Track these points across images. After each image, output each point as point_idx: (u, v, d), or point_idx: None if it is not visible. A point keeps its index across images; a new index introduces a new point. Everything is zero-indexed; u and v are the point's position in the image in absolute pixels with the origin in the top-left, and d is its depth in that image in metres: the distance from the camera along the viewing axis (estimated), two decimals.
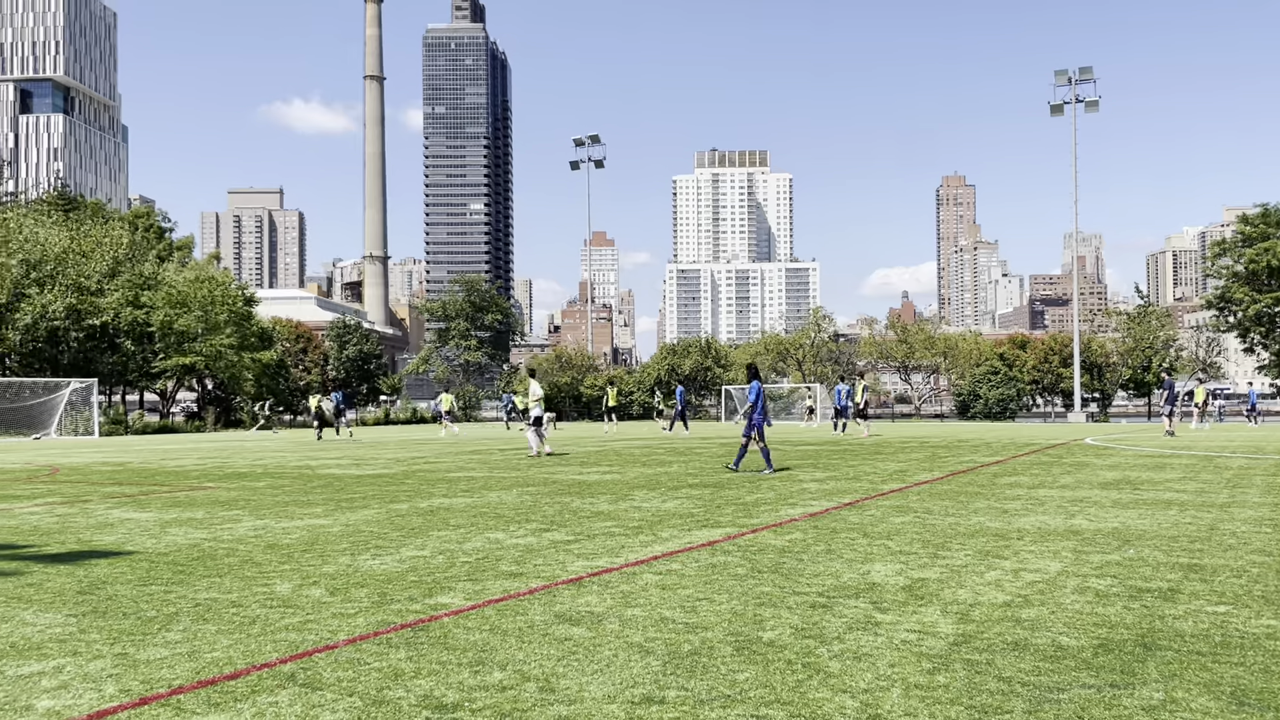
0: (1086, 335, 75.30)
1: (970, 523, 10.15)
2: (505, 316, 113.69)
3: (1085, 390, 70.07)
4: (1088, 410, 68.16)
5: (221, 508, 12.57)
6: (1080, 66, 65.81)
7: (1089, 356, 71.29)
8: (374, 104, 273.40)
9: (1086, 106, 66.19)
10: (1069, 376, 69.48)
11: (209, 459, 24.98)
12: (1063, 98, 66.62)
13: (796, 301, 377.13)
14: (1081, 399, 67.67)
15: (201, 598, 6.69)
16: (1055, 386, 72.42)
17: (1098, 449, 24.73)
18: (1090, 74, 65.96)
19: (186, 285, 58.41)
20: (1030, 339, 79.68)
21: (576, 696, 4.38)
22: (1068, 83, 66.35)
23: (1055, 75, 66.58)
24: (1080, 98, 65.98)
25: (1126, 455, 21.85)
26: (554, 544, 8.96)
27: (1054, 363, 72.25)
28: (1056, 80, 66.80)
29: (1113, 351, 73.83)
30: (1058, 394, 73.44)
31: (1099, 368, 72.19)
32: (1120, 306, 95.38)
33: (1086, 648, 5.12)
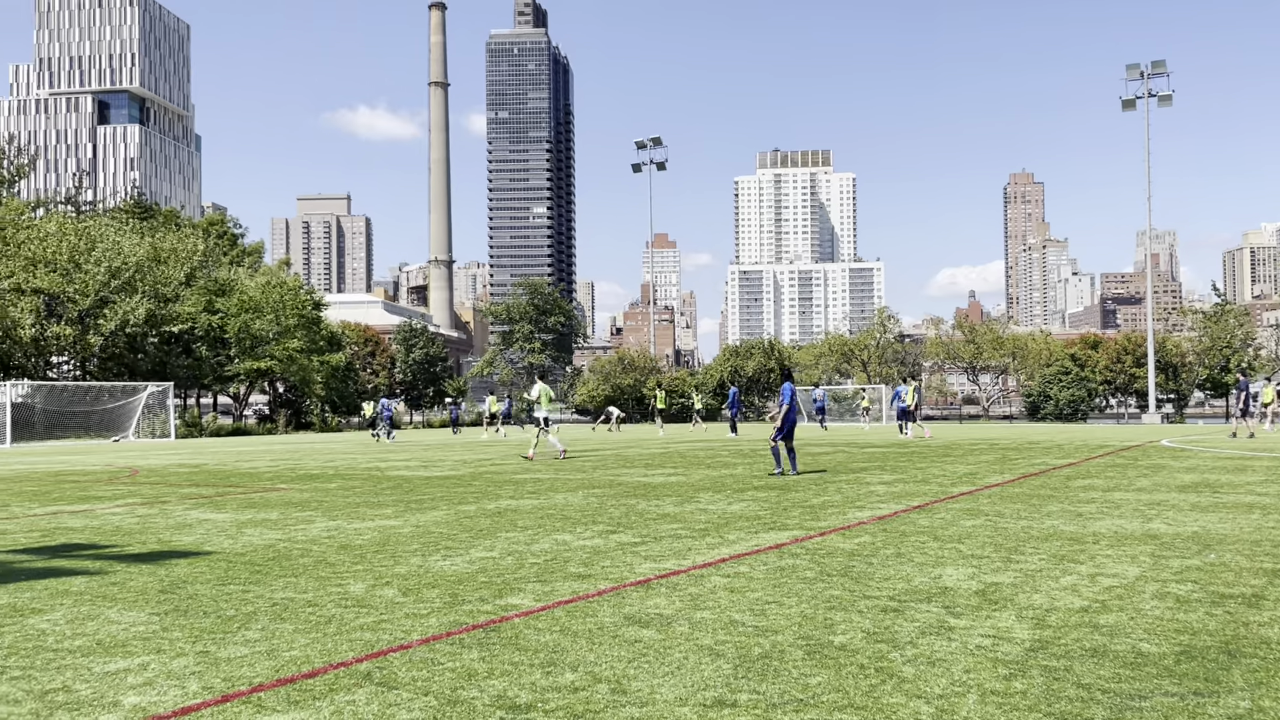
0: (1161, 334, 73.58)
1: (1044, 526, 9.97)
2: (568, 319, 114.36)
3: (1160, 391, 68.49)
4: (1163, 411, 66.63)
5: (295, 509, 12.80)
6: (1153, 60, 64.39)
7: (1163, 356, 69.62)
8: (438, 110, 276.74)
9: (1159, 101, 64.75)
10: (1143, 377, 67.94)
11: (281, 461, 25.46)
12: (1134, 92, 65.27)
13: (860, 302, 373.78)
14: (1156, 400, 66.17)
15: (278, 597, 6.82)
16: (1128, 387, 70.91)
17: (1174, 451, 24.15)
18: (1163, 68, 64.49)
19: (258, 290, 59.69)
20: (1102, 339, 78.07)
21: (648, 699, 4.38)
22: (1140, 77, 64.95)
23: (1126, 70, 65.24)
24: (1153, 92, 64.56)
25: (1205, 457, 21.30)
26: (621, 546, 8.99)
27: (1127, 363, 70.72)
28: (1128, 75, 65.44)
29: (1188, 351, 72.05)
30: (1131, 395, 71.92)
31: (1174, 368, 70.47)
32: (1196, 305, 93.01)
33: (1168, 654, 5.00)
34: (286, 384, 66.08)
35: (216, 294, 59.94)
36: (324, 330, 65.92)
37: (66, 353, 56.14)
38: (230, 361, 59.41)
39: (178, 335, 58.47)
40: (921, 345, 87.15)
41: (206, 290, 59.64)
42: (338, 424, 67.91)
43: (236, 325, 57.97)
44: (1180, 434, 37.51)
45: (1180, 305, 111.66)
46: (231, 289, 60.41)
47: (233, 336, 58.48)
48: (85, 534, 10.60)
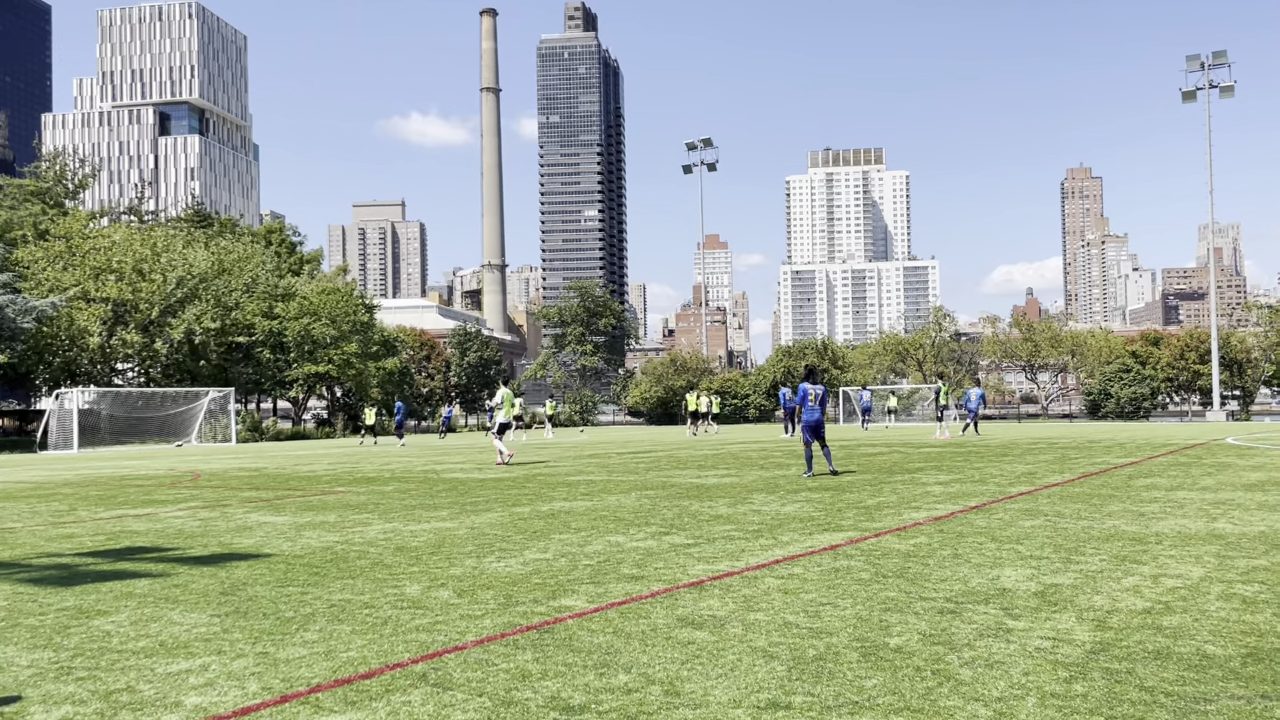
0: (1225, 330, 71.93)
1: (1105, 526, 9.79)
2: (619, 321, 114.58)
3: (1224, 388, 66.95)
4: (1227, 409, 65.13)
5: (352, 511, 12.96)
6: (1214, 51, 63.08)
7: (1228, 352, 68.02)
8: (490, 115, 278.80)
9: (1221, 92, 63.39)
10: (1206, 373, 66.48)
11: (339, 464, 25.79)
12: (1195, 83, 63.97)
13: (915, 301, 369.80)
14: (1221, 397, 64.69)
15: (336, 599, 6.90)
16: (1192, 384, 69.44)
17: (1240, 449, 23.58)
18: (1224, 58, 63.12)
19: (316, 296, 60.59)
20: (1164, 335, 76.48)
21: (702, 700, 4.37)
22: (1200, 68, 63.63)
23: (1186, 61, 63.98)
24: (1214, 83, 63.23)
25: (1272, 455, 20.78)
26: (674, 547, 8.98)
27: (1190, 359, 69.24)
28: (1188, 66, 64.15)
29: (1254, 347, 70.32)
30: (1194, 392, 70.40)
31: (1239, 364, 68.84)
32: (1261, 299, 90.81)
33: (1234, 657, 4.88)
34: (344, 388, 66.96)
35: (276, 299, 60.96)
36: (377, 335, 66.67)
37: (132, 360, 57.38)
38: (289, 366, 60.34)
39: (239, 342, 59.56)
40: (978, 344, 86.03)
41: (267, 296, 60.68)
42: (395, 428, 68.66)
43: (296, 330, 58.88)
44: (1246, 432, 36.62)
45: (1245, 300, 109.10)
46: (291, 295, 61.42)
47: (292, 341, 59.40)
48: (149, 537, 10.82)
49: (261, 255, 65.18)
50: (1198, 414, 68.74)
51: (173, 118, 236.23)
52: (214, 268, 59.02)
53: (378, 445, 39.56)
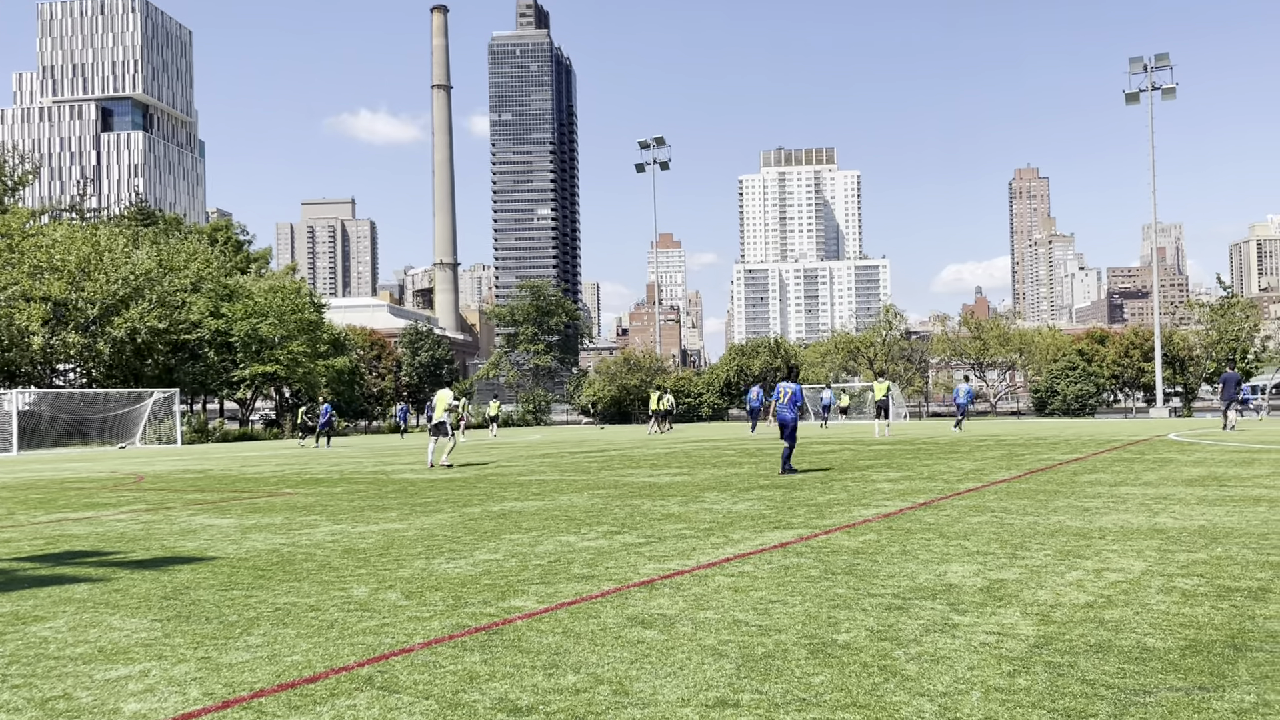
0: (1168, 328, 73.35)
1: (1050, 522, 9.93)
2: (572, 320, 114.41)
3: (1167, 385, 68.26)
4: (1170, 405, 66.40)
5: (299, 513, 12.80)
6: (1156, 53, 64.17)
7: (1171, 350, 69.41)
8: (441, 113, 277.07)
9: (1163, 94, 64.55)
10: (1150, 371, 67.76)
11: (287, 465, 25.47)
12: (1138, 86, 65.04)
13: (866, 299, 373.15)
14: (1164, 394, 65.92)
15: (281, 602, 6.81)
16: (1136, 381, 70.70)
17: (1182, 445, 24.06)
18: (1167, 60, 64.29)
19: (263, 295, 59.82)
20: (1109, 333, 77.84)
21: (650, 700, 4.36)
22: (1143, 70, 64.74)
23: (1130, 63, 65.01)
24: (1156, 85, 64.35)
25: (1212, 451, 21.23)
26: (625, 546, 8.97)
27: (1134, 357, 70.52)
28: (1131, 68, 65.22)
29: (1196, 344, 71.78)
30: (1139, 389, 71.68)
31: (1181, 361, 70.26)
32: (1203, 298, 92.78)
33: (1173, 649, 4.97)
34: (292, 388, 66.16)
35: (223, 298, 60.08)
36: (325, 334, 65.91)
37: (74, 360, 56.28)
38: (236, 366, 59.50)
39: (185, 341, 58.62)
40: (928, 342, 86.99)
41: (213, 295, 59.78)
42: (345, 428, 67.99)
43: (243, 329, 58.08)
44: (1188, 428, 37.39)
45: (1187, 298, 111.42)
46: (238, 293, 60.56)
47: (239, 341, 58.59)
48: (89, 541, 10.60)
49: (207, 253, 64.16)
50: (1142, 411, 70.04)
51: (115, 113, 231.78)
52: (159, 266, 58.04)
53: (318, 447, 39.10)
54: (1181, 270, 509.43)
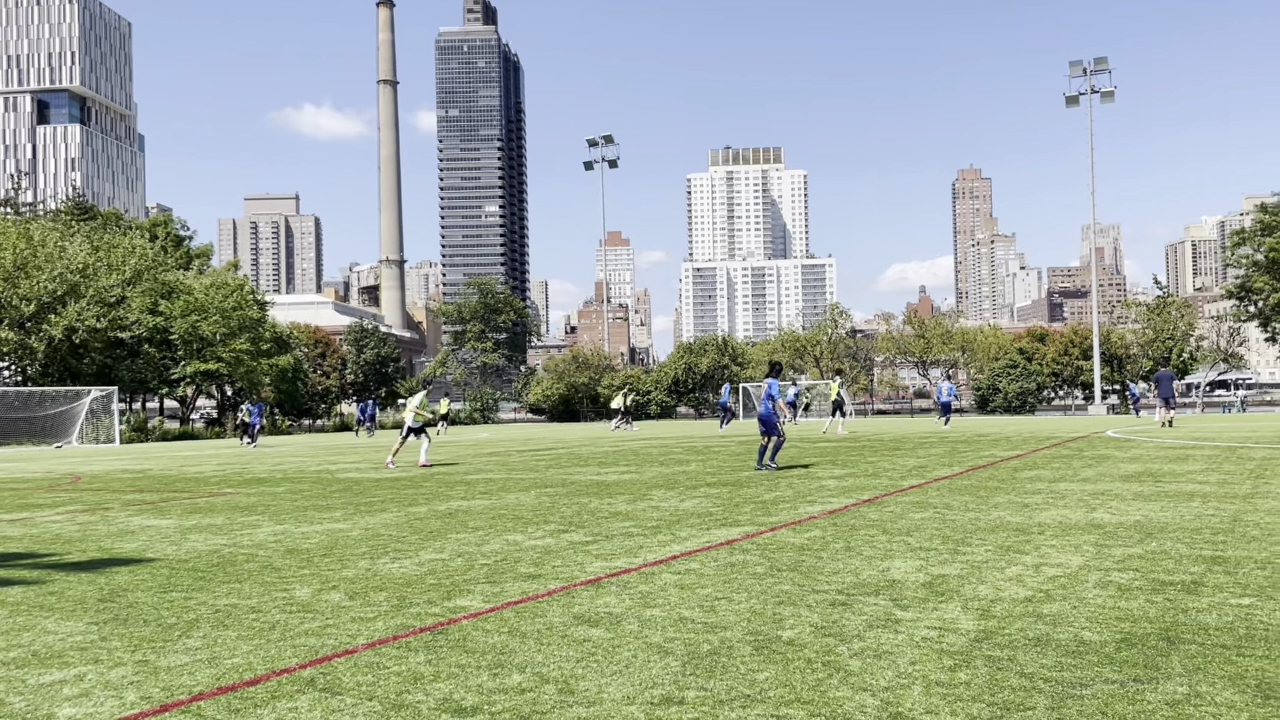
0: (1106, 327, 74.81)
1: (991, 518, 10.09)
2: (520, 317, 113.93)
3: (1105, 382, 69.61)
4: (1108, 402, 67.71)
5: (241, 513, 12.62)
6: (1095, 57, 65.63)
7: (1109, 348, 70.81)
8: (387, 108, 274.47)
9: (1102, 97, 65.80)
10: (1089, 369, 69.07)
11: (228, 465, 25.10)
12: (1078, 89, 66.29)
13: (813, 298, 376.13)
14: (1102, 391, 67.23)
15: (221, 604, 6.71)
16: (1075, 379, 72.05)
17: (1119, 441, 24.56)
18: (1105, 64, 65.57)
19: (204, 292, 58.81)
20: (1049, 332, 79.23)
21: (596, 698, 4.36)
22: (1083, 73, 65.96)
23: (1070, 66, 66.20)
24: (1095, 88, 65.59)
25: (1148, 447, 21.69)
26: (572, 545, 8.96)
27: (1074, 355, 71.84)
28: (1071, 71, 66.42)
29: (1133, 343, 73.33)
30: (1078, 386, 73.07)
31: (1119, 359, 71.71)
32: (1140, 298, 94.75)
33: (1109, 642, 5.07)
34: (235, 387, 65.14)
35: (162, 295, 58.96)
36: (268, 331, 64.91)
37: (7, 358, 54.93)
38: (176, 364, 58.45)
39: (123, 339, 57.45)
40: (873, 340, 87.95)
41: (152, 292, 58.64)
42: (288, 427, 67.13)
43: (183, 327, 57.04)
44: (1125, 425, 38.16)
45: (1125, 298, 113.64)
46: (178, 290, 59.45)
47: (179, 339, 57.55)
48: (23, 543, 10.37)
49: (145, 248, 62.86)
50: (1080, 408, 71.37)
51: (52, 106, 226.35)
52: (97, 261, 56.82)
53: (247, 445, 38.58)
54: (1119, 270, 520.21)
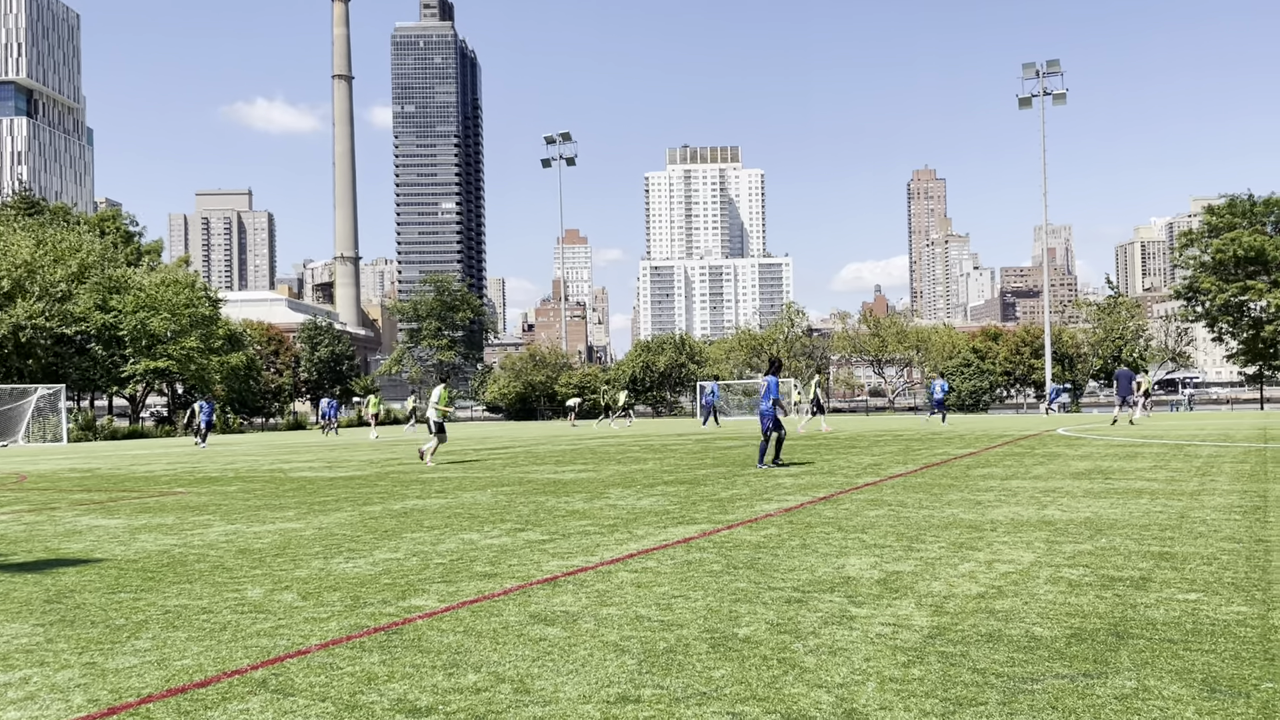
0: (1057, 326, 75.90)
1: (944, 515, 10.19)
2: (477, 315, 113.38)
3: (1056, 381, 70.60)
4: (1060, 401, 68.66)
5: (192, 513, 12.44)
6: (1048, 60, 66.36)
7: (1060, 348, 71.85)
8: (343, 103, 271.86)
9: (1054, 99, 66.72)
10: (1041, 368, 70.02)
11: (179, 463, 24.75)
12: (1031, 91, 67.16)
13: (770, 297, 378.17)
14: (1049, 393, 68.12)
15: (171, 605, 6.61)
16: (1027, 378, 72.99)
17: (1069, 439, 24.93)
18: (1057, 67, 66.49)
19: (154, 289, 57.93)
20: (1002, 331, 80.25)
21: (551, 697, 4.35)
22: (1035, 76, 66.84)
23: (1023, 69, 67.09)
24: (1048, 91, 66.50)
25: (1098, 445, 22.03)
26: (529, 544, 8.93)
27: (1025, 354, 72.78)
28: (1024, 74, 67.29)
29: (1083, 342, 74.45)
30: (1030, 385, 74.01)
31: (1070, 358, 72.76)
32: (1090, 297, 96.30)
33: (1060, 638, 5.14)
34: (185, 385, 64.24)
35: (111, 292, 57.98)
36: (221, 329, 64.08)
37: None
38: (126, 362, 57.51)
39: (71, 336, 56.43)
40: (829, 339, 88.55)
41: (100, 288, 57.65)
42: (240, 425, 66.34)
43: (132, 324, 56.13)
44: (1075, 423, 38.75)
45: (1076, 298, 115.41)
46: (127, 287, 58.49)
47: (128, 336, 56.62)
48: None
49: (93, 244, 61.76)
50: (1032, 406, 72.32)
51: None
52: (43, 256, 55.74)
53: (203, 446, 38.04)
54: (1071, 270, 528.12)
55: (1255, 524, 9.01)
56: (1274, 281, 66.61)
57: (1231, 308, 69.49)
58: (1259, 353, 68.73)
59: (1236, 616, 5.52)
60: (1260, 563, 7.11)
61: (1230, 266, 67.90)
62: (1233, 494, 11.53)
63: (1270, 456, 17.35)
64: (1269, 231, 68.41)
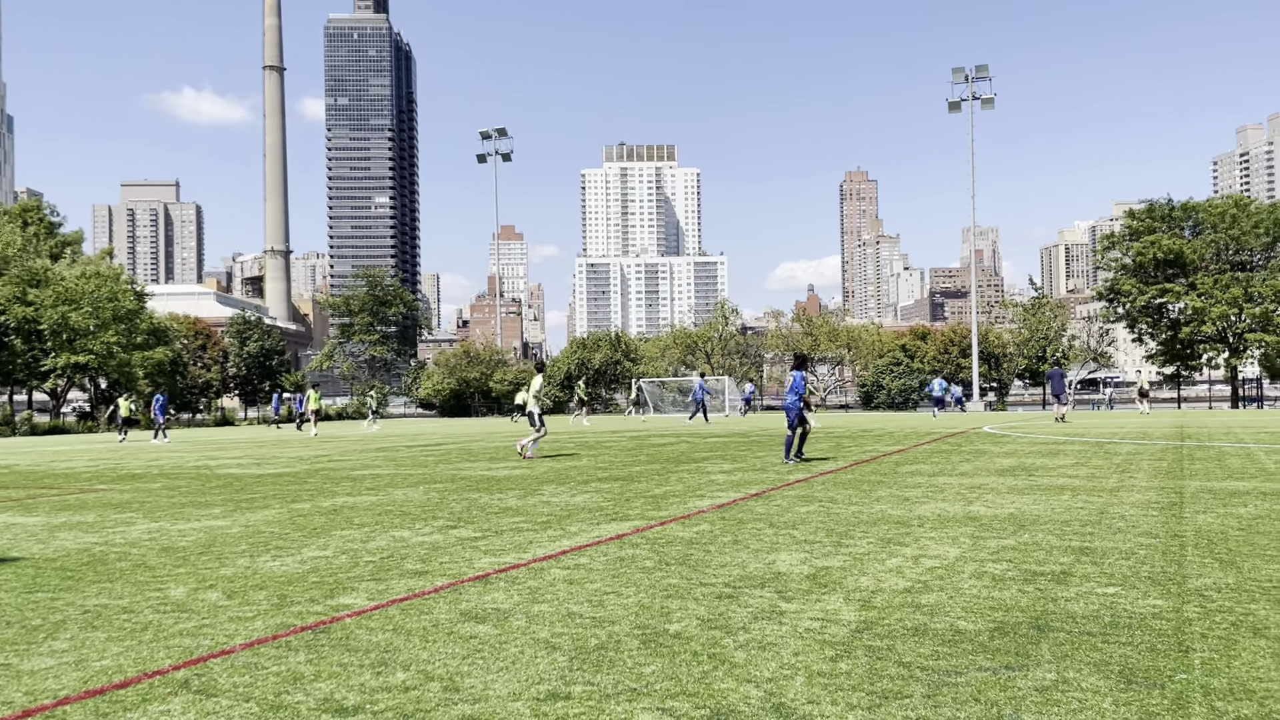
0: (984, 326, 77.33)
1: (873, 511, 10.33)
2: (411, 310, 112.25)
3: (983, 380, 72.03)
4: (986, 399, 70.05)
5: (114, 510, 12.14)
6: (976, 65, 67.54)
7: (986, 347, 73.26)
8: (274, 95, 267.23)
9: (983, 104, 67.95)
10: (968, 366, 71.32)
11: (101, 460, 24.14)
12: (960, 95, 68.31)
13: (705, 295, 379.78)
14: (980, 388, 69.49)
15: (91, 604, 6.45)
16: (955, 376, 74.25)
17: (995, 437, 25.42)
18: (986, 72, 67.70)
19: (75, 282, 56.42)
20: (930, 330, 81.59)
21: (481, 695, 4.33)
22: (965, 80, 68.01)
23: (953, 73, 68.25)
24: (977, 95, 67.70)
25: (1022, 443, 22.49)
26: (461, 541, 8.87)
27: (953, 353, 74.10)
28: (954, 78, 68.43)
29: (1009, 342, 75.99)
30: (957, 384, 75.32)
31: (996, 358, 74.24)
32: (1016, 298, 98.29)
33: (983, 631, 5.24)
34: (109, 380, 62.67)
35: (30, 284, 56.33)
36: (145, 323, 62.58)
37: None
38: (46, 356, 55.91)
39: None
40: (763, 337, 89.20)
41: (20, 280, 55.98)
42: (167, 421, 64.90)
43: (53, 318, 54.59)
44: (1001, 421, 39.52)
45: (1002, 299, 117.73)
46: (47, 279, 56.87)
47: (48, 329, 55.06)
48: None
49: (14, 235, 59.99)
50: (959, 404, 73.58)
51: None
52: None
53: (125, 441, 37.13)
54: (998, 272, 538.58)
55: (1171, 519, 9.28)
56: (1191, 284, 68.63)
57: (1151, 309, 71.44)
58: (1177, 353, 70.79)
59: (1153, 610, 5.68)
60: (1176, 557, 7.32)
61: (1150, 269, 69.79)
62: (1150, 490, 11.85)
63: (1186, 454, 17.88)
64: (1187, 235, 70.49)
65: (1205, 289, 66.73)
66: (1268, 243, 67.92)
